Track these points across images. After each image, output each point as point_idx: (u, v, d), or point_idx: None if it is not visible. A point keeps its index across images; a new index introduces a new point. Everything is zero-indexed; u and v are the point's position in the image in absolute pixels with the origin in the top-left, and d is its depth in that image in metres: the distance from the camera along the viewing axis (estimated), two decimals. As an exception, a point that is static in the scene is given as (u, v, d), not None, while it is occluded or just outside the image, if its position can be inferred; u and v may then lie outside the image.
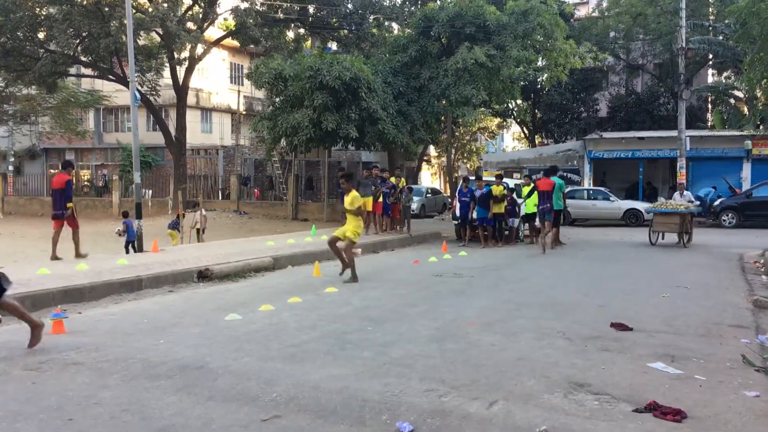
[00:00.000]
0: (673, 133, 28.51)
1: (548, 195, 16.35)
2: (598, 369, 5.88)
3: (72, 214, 12.75)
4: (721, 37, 31.31)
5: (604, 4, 37.46)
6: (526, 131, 43.87)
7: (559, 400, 5.05)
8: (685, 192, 19.71)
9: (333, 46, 31.87)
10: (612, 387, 5.37)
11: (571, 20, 34.75)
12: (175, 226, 18.75)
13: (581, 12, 41.03)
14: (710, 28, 32.66)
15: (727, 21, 28.76)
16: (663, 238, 18.22)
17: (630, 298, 9.70)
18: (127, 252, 15.32)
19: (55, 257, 12.60)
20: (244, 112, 43.63)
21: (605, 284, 11.16)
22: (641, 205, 26.02)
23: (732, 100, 33.68)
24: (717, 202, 25.96)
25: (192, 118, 36.79)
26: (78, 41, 26.21)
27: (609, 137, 32.32)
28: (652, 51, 37.23)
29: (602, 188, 28.84)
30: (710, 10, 35.60)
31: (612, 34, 37.27)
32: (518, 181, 21.68)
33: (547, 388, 5.31)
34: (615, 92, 38.70)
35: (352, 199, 11.27)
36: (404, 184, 20.16)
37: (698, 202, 20.38)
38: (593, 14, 38.79)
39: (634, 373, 5.78)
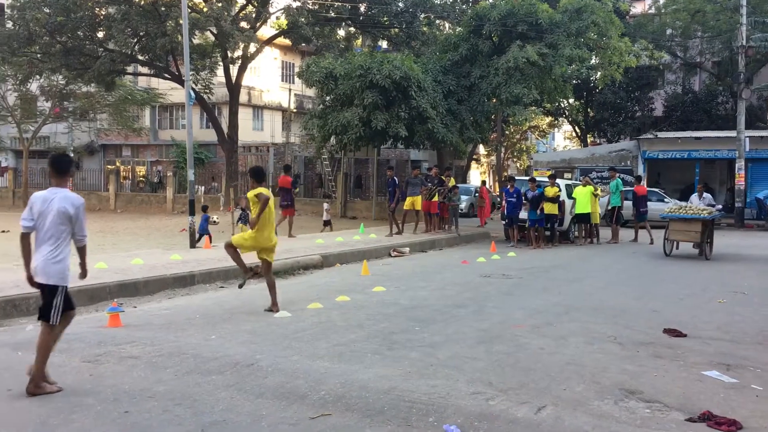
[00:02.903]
0: (732, 134, 27.72)
1: (645, 199, 19.36)
2: (650, 376, 5.78)
3: (293, 204, 17.38)
4: (783, 35, 30.22)
5: (661, 1, 36.53)
6: (578, 130, 43.14)
7: (609, 407, 4.98)
8: (705, 195, 17.83)
9: (383, 44, 31.90)
10: (664, 395, 5.27)
11: (627, 17, 34.01)
12: (245, 220, 18.78)
13: (637, 9, 40.12)
14: (772, 25, 31.57)
15: (790, 18, 27.80)
16: (678, 248, 15.92)
17: (684, 303, 9.49)
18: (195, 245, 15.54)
19: (291, 236, 16.85)
20: (294, 110, 44.03)
21: (658, 288, 10.93)
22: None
23: (794, 100, 32.56)
24: (777, 205, 25.15)
25: (244, 115, 37.26)
26: (135, 40, 26.84)
27: (664, 137, 31.57)
28: (710, 49, 36.14)
29: (656, 189, 28.20)
30: (772, 6, 34.38)
31: (669, 31, 36.34)
32: (569, 182, 21.38)
33: (597, 395, 5.24)
34: (671, 91, 37.73)
35: (250, 198, 8.56)
36: (453, 183, 20.08)
37: (720, 206, 18.57)
38: (649, 11, 37.87)
39: (688, 381, 5.66)
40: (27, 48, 26.84)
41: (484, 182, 28.93)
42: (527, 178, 18.56)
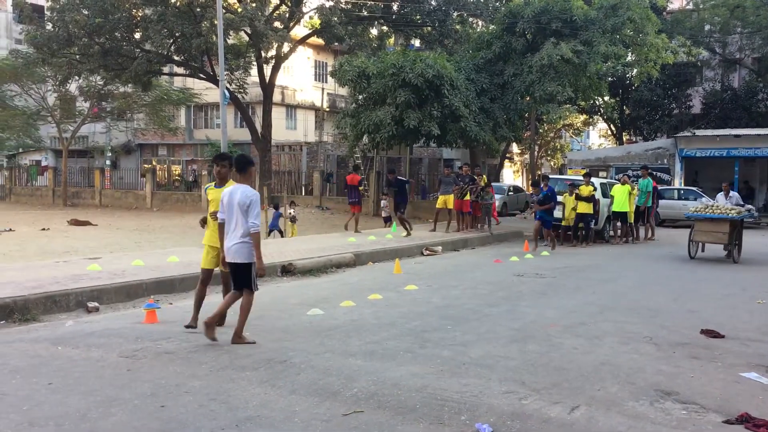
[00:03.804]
0: (772, 131, 27.15)
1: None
2: (686, 377, 5.70)
3: (360, 201, 18.30)
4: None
5: (699, -3, 35.93)
6: (614, 128, 42.59)
7: (644, 407, 4.93)
8: (732, 193, 16.72)
9: (416, 43, 31.87)
10: (701, 396, 5.19)
11: (664, 13, 33.45)
12: (293, 219, 19.14)
13: (674, 5, 39.42)
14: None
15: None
16: (703, 251, 15.26)
17: (722, 304, 9.32)
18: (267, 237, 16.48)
19: (357, 231, 17.75)
20: (327, 109, 44.24)
21: (695, 288, 10.76)
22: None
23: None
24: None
25: (277, 115, 37.56)
26: (171, 41, 27.19)
27: (702, 135, 31.00)
28: (750, 45, 35.40)
29: (694, 188, 27.70)
30: (815, 1, 33.58)
31: (707, 27, 35.69)
32: (604, 180, 21.14)
33: (631, 395, 5.19)
34: (710, 88, 37.03)
35: (215, 196, 7.15)
36: (485, 182, 19.97)
37: (750, 206, 17.23)
38: (687, 7, 37.25)
39: (725, 383, 5.57)
40: (66, 49, 27.38)
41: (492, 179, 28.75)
42: (535, 184, 17.71)
